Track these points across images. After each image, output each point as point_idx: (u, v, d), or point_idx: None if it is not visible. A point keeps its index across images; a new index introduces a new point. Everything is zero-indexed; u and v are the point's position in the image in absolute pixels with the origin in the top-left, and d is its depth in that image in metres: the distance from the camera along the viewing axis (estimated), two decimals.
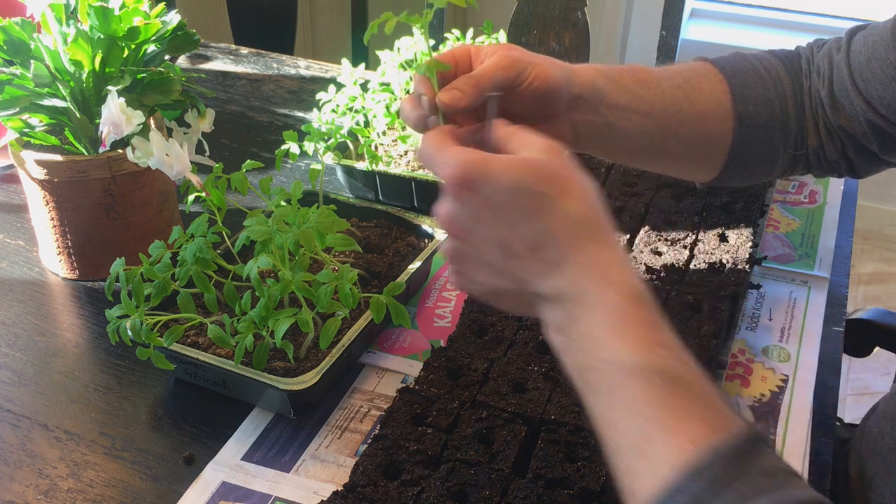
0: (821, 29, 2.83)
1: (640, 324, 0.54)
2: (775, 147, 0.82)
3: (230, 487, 0.75)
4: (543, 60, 0.73)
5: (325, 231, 0.79)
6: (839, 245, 1.08)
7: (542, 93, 0.72)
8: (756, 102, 0.81)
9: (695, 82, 0.81)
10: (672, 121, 0.79)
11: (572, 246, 0.56)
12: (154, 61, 0.96)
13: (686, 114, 0.80)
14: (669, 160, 0.84)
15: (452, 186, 0.57)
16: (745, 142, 0.81)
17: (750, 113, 0.81)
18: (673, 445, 0.50)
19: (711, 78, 0.81)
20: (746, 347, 0.91)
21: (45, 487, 0.75)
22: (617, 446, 0.53)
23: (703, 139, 0.81)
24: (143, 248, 0.84)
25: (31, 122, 0.94)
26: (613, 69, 0.78)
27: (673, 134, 0.80)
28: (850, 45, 0.81)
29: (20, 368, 0.89)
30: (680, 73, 0.81)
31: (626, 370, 0.53)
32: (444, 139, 0.61)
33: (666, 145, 0.81)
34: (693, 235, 0.97)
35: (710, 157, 0.83)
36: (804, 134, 0.83)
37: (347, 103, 1.10)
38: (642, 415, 0.51)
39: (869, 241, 2.88)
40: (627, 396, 0.52)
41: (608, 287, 0.55)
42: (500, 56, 0.70)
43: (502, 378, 0.78)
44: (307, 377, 0.78)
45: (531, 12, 1.88)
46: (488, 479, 0.68)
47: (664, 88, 0.79)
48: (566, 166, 0.58)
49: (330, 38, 2.90)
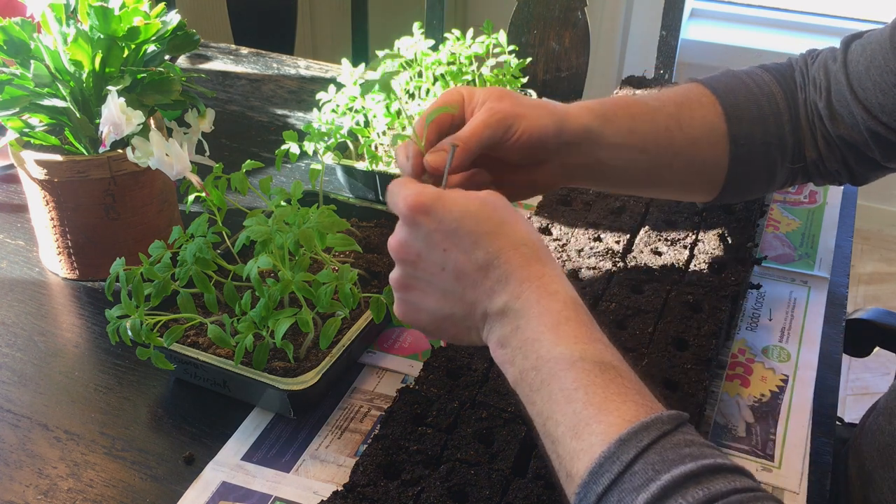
0: (821, 29, 2.83)
1: (576, 323, 0.59)
2: (772, 163, 0.82)
3: (230, 487, 0.75)
4: (533, 111, 0.73)
5: (325, 231, 0.79)
6: (839, 245, 1.08)
7: (529, 145, 0.73)
8: (750, 121, 0.81)
9: (687, 109, 0.81)
10: (665, 153, 0.80)
11: (518, 264, 0.60)
12: (154, 61, 0.96)
13: (679, 144, 0.80)
14: (664, 188, 0.86)
15: (408, 212, 0.61)
16: (741, 162, 0.81)
17: (744, 132, 0.81)
18: (606, 423, 0.54)
19: (704, 101, 0.81)
20: (746, 347, 0.91)
21: (45, 487, 0.75)
22: (556, 436, 0.56)
23: (697, 166, 0.82)
24: (143, 248, 0.84)
25: (31, 122, 0.94)
26: (607, 107, 0.78)
27: (666, 165, 0.80)
28: (847, 55, 0.80)
29: (20, 368, 0.89)
30: (672, 101, 0.81)
31: (564, 362, 0.57)
32: (404, 181, 0.65)
33: (660, 176, 0.81)
34: (693, 235, 0.97)
35: (707, 181, 0.83)
36: (801, 147, 0.83)
37: (347, 103, 1.10)
38: (579, 400, 0.55)
39: (869, 241, 2.88)
40: (566, 385, 0.56)
41: (548, 296, 0.59)
42: (488, 112, 0.71)
43: (502, 378, 0.77)
44: (307, 377, 0.78)
45: (531, 12, 1.88)
46: (488, 479, 0.68)
47: (657, 120, 0.79)
48: (507, 203, 0.64)
49: (330, 38, 2.90)
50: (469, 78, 1.14)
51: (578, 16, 1.87)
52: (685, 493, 0.50)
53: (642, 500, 0.50)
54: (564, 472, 0.56)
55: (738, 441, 0.79)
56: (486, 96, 0.72)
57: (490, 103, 0.72)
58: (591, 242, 0.97)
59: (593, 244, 0.96)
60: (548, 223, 1.00)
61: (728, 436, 0.80)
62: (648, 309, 0.86)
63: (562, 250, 0.95)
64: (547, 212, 1.02)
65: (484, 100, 0.72)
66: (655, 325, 0.84)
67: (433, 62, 1.14)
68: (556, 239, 0.98)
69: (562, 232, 0.99)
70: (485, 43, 1.18)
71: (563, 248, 0.96)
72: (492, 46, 1.18)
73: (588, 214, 1.01)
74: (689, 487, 0.50)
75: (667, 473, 0.51)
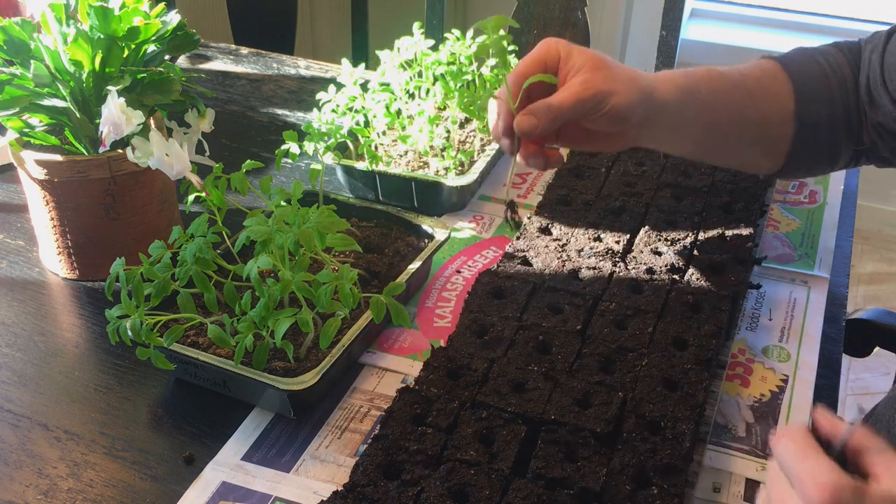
0: (821, 29, 2.83)
1: None
2: (836, 143, 0.85)
3: (230, 487, 0.75)
4: (624, 87, 0.76)
5: (325, 231, 0.79)
6: (839, 245, 1.08)
7: (615, 119, 0.76)
8: (818, 102, 0.84)
9: (763, 87, 0.84)
10: (736, 128, 0.84)
11: None
12: (154, 61, 0.96)
13: (751, 119, 0.84)
14: (728, 158, 0.89)
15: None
16: (804, 140, 0.84)
17: (812, 112, 0.83)
18: None
19: (779, 79, 0.84)
20: (746, 347, 0.91)
21: (45, 487, 0.75)
22: None
23: (763, 141, 0.85)
24: (143, 248, 0.84)
25: (31, 122, 0.94)
26: (693, 79, 0.82)
27: (735, 138, 0.84)
28: (888, 45, 0.81)
29: (20, 368, 0.89)
30: (752, 77, 0.84)
31: None
32: (806, 446, 0.54)
33: (728, 147, 0.85)
34: (693, 235, 0.97)
35: (771, 154, 0.86)
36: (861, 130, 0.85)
37: (347, 103, 1.10)
38: None
39: (869, 241, 2.88)
40: None
41: None
42: (583, 86, 0.74)
43: (502, 378, 0.78)
44: (307, 377, 0.78)
45: (531, 12, 1.88)
46: (488, 479, 0.68)
47: (734, 96, 0.83)
48: None
49: (330, 38, 2.90)
50: (469, 78, 1.14)
51: (578, 16, 1.87)
52: None
53: None
54: None
55: (738, 441, 0.79)
56: (583, 63, 0.75)
57: (586, 74, 0.75)
58: (591, 242, 0.97)
59: (593, 244, 0.96)
60: (548, 223, 1.00)
61: (728, 436, 0.80)
62: (648, 309, 0.86)
63: (562, 250, 0.95)
64: (547, 212, 1.02)
65: (580, 66, 0.75)
66: (655, 325, 0.84)
67: (433, 62, 1.14)
68: (556, 239, 0.98)
69: (562, 232, 0.99)
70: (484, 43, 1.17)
71: (563, 248, 0.96)
72: None
73: (588, 214, 1.01)
74: None
75: None
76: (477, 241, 1.08)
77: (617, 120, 0.77)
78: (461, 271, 1.02)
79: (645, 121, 0.79)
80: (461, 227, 1.10)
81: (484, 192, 1.17)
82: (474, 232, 1.09)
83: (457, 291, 0.98)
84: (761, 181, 1.06)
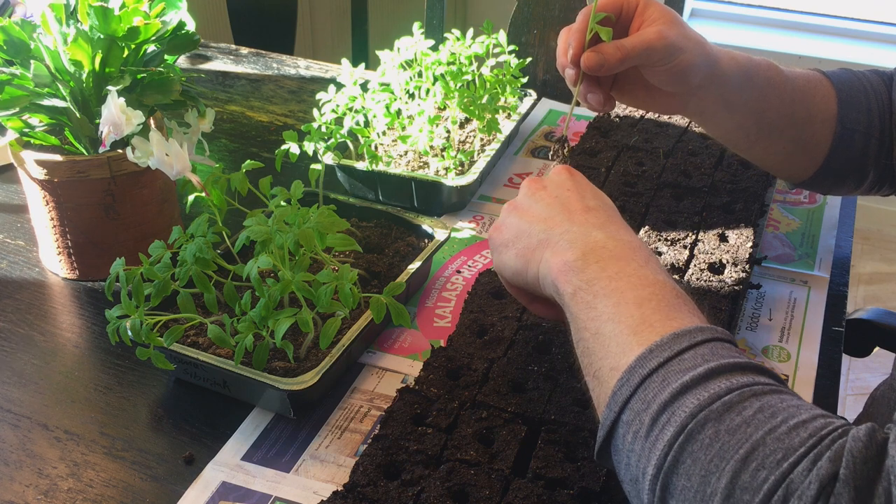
0: (821, 29, 2.83)
1: (655, 258, 0.66)
2: (868, 155, 0.88)
3: (230, 487, 0.75)
4: (694, 48, 0.79)
5: (325, 231, 0.79)
6: (839, 245, 1.08)
7: (677, 76, 0.80)
8: (857, 110, 0.87)
9: (811, 88, 0.88)
10: (783, 120, 0.87)
11: (621, 226, 0.70)
12: (154, 61, 0.96)
13: (798, 117, 0.87)
14: (767, 151, 0.91)
15: (563, 170, 0.75)
16: (842, 145, 0.88)
17: (852, 118, 0.87)
18: (668, 327, 0.58)
19: (824, 84, 0.88)
20: (746, 347, 0.91)
21: (45, 487, 0.75)
22: (611, 334, 0.60)
23: (803, 141, 0.88)
24: (143, 248, 0.84)
25: (31, 122, 0.94)
26: (751, 64, 0.85)
27: (779, 131, 0.87)
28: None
29: (20, 368, 0.89)
30: (802, 78, 0.88)
31: (647, 279, 0.62)
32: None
33: (770, 139, 0.88)
34: (693, 235, 0.97)
35: (809, 155, 0.89)
36: (893, 146, 0.88)
37: (347, 103, 1.10)
38: (650, 308, 0.60)
39: (869, 241, 2.88)
40: (642, 294, 0.61)
41: (635, 237, 0.68)
42: (657, 35, 0.78)
43: (502, 378, 0.78)
44: (307, 377, 0.78)
45: (531, 12, 1.88)
46: (488, 479, 0.68)
47: (785, 91, 0.86)
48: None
49: (330, 38, 2.90)
50: (469, 78, 1.14)
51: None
52: (730, 378, 0.52)
53: (688, 377, 0.53)
54: (608, 367, 0.58)
55: None
56: (660, 16, 0.79)
57: (661, 26, 0.78)
58: None
59: None
60: None
61: None
62: None
63: None
64: None
65: (656, 18, 0.79)
66: None
67: (433, 62, 1.14)
68: None
69: None
70: (485, 43, 1.18)
71: None
72: (492, 46, 1.18)
73: None
74: (735, 374, 0.53)
75: (715, 362, 0.53)
76: (477, 241, 1.08)
77: (679, 77, 0.80)
78: (461, 271, 1.02)
79: (701, 88, 0.82)
80: (461, 227, 1.10)
81: (484, 192, 1.17)
82: (474, 232, 1.09)
83: (457, 291, 0.98)
84: (761, 181, 1.06)
